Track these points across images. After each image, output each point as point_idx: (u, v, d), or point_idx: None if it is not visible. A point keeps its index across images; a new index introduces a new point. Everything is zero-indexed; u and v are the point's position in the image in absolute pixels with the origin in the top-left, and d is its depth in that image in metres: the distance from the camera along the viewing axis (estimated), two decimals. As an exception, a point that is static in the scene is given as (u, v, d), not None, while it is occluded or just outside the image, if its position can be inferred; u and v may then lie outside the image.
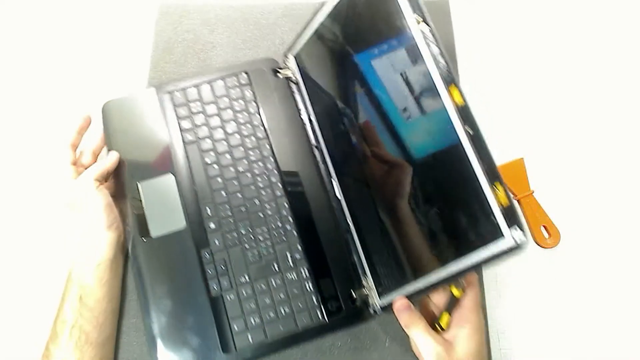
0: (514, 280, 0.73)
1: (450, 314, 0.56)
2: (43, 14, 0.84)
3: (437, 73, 0.52)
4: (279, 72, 0.77)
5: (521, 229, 0.45)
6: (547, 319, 0.72)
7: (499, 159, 0.77)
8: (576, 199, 0.78)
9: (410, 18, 0.54)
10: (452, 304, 0.56)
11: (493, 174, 0.48)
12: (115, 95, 0.73)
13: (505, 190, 0.47)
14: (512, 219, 0.46)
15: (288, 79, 0.77)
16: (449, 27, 0.86)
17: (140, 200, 0.68)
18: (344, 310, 0.66)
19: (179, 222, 0.68)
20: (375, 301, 0.64)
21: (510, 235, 0.46)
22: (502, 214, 0.47)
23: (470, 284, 0.56)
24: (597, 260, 0.74)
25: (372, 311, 0.65)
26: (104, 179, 0.67)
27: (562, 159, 0.80)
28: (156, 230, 0.67)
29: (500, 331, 0.71)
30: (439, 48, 0.52)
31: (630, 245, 0.75)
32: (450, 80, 0.51)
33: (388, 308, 0.62)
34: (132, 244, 0.67)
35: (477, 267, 0.50)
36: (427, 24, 0.53)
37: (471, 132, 0.49)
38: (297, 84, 0.76)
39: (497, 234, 0.47)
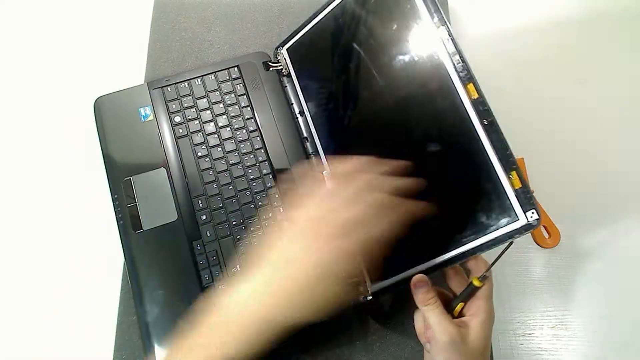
0: (513, 280, 0.72)
1: (464, 304, 0.55)
2: (41, 14, 0.86)
3: (454, 70, 0.55)
4: (270, 65, 0.78)
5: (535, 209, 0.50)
6: (547, 319, 0.71)
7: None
8: (576, 199, 0.76)
9: (428, 20, 0.58)
10: (470, 293, 0.55)
11: (509, 162, 0.52)
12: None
13: (519, 176, 0.51)
14: (526, 203, 0.51)
15: (279, 72, 0.77)
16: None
17: (133, 194, 0.70)
18: (335, 298, 0.66)
19: (170, 214, 0.69)
20: (367, 287, 0.64)
21: (524, 217, 0.50)
22: (517, 198, 0.51)
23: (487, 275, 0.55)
24: (597, 260, 0.73)
25: (362, 298, 0.65)
26: None
27: (562, 159, 0.79)
28: (148, 222, 0.68)
29: (500, 331, 0.70)
30: (456, 48, 0.56)
31: (630, 245, 0.74)
32: (468, 77, 0.55)
33: (378, 294, 0.62)
34: (125, 237, 0.68)
35: (491, 246, 0.53)
36: (446, 26, 0.57)
37: (486, 123, 0.53)
38: (288, 76, 0.76)
39: (513, 216, 0.51)
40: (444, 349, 0.51)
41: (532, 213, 0.50)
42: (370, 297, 0.64)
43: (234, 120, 0.74)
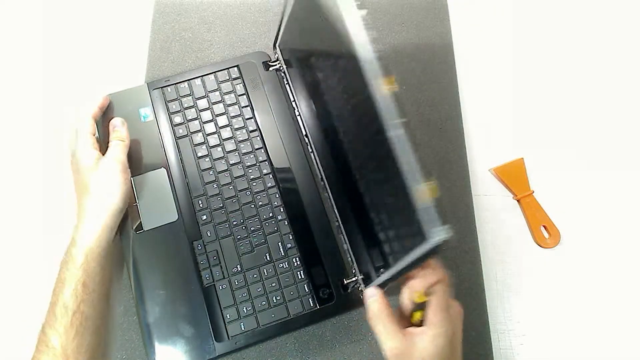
0: (513, 280, 0.72)
1: (422, 312, 0.53)
2: (41, 14, 0.86)
3: (372, 59, 0.47)
4: (269, 65, 0.78)
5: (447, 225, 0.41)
6: (547, 319, 0.71)
7: (499, 159, 0.77)
8: (576, 199, 0.77)
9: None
10: (419, 306, 0.53)
11: (426, 170, 0.43)
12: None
13: (436, 187, 0.42)
14: (442, 216, 0.41)
15: (278, 70, 0.78)
16: (447, 26, 0.86)
17: (134, 194, 0.70)
18: (335, 298, 0.67)
19: (171, 214, 0.69)
20: (362, 288, 0.64)
21: (436, 234, 0.42)
22: (433, 212, 0.42)
23: (437, 286, 0.52)
24: (597, 260, 0.73)
25: (361, 297, 0.65)
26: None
27: (562, 159, 0.79)
28: (149, 223, 0.69)
29: (500, 331, 0.70)
30: (370, 34, 0.48)
31: (630, 245, 0.74)
32: (383, 66, 0.47)
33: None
34: (126, 237, 0.68)
35: (420, 261, 0.47)
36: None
37: (404, 121, 0.45)
38: (286, 75, 0.76)
39: (423, 234, 0.42)
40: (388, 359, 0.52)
41: (441, 230, 0.41)
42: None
43: (234, 120, 0.74)
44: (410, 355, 0.50)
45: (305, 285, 0.67)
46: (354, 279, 0.66)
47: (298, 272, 0.67)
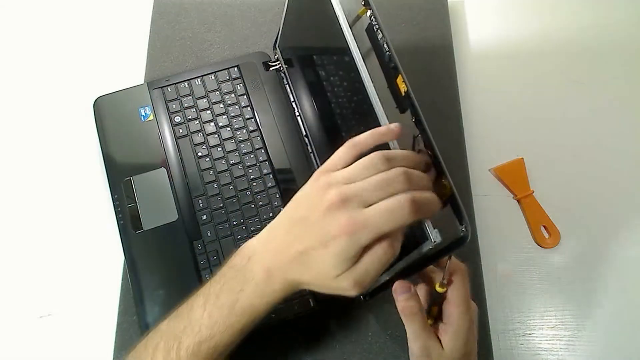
0: (513, 280, 0.72)
1: (438, 307, 0.54)
2: (41, 14, 0.86)
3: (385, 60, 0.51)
4: (270, 65, 0.78)
5: (464, 223, 0.44)
6: (547, 319, 0.70)
7: (499, 159, 0.77)
8: (576, 199, 0.76)
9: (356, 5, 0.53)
10: (440, 297, 0.53)
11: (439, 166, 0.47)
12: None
13: (450, 184, 0.45)
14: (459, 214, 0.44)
15: (278, 71, 0.78)
16: (447, 26, 0.86)
17: (133, 194, 0.70)
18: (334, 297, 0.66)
19: (171, 214, 0.69)
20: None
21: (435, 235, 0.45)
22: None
23: (456, 277, 0.52)
24: (597, 260, 0.73)
25: (361, 297, 0.65)
26: None
27: (562, 158, 0.79)
28: (149, 222, 0.69)
29: (500, 331, 0.70)
30: (384, 35, 0.51)
31: (630, 244, 0.74)
32: (395, 67, 0.50)
33: (375, 294, 0.62)
34: (126, 237, 0.68)
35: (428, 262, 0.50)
36: (372, 10, 0.52)
37: (413, 119, 0.49)
38: (285, 75, 0.77)
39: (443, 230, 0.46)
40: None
41: (463, 227, 0.44)
42: (367, 298, 0.64)
43: (234, 120, 0.74)
44: (441, 355, 0.50)
45: (305, 286, 0.66)
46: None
47: (298, 273, 0.67)
